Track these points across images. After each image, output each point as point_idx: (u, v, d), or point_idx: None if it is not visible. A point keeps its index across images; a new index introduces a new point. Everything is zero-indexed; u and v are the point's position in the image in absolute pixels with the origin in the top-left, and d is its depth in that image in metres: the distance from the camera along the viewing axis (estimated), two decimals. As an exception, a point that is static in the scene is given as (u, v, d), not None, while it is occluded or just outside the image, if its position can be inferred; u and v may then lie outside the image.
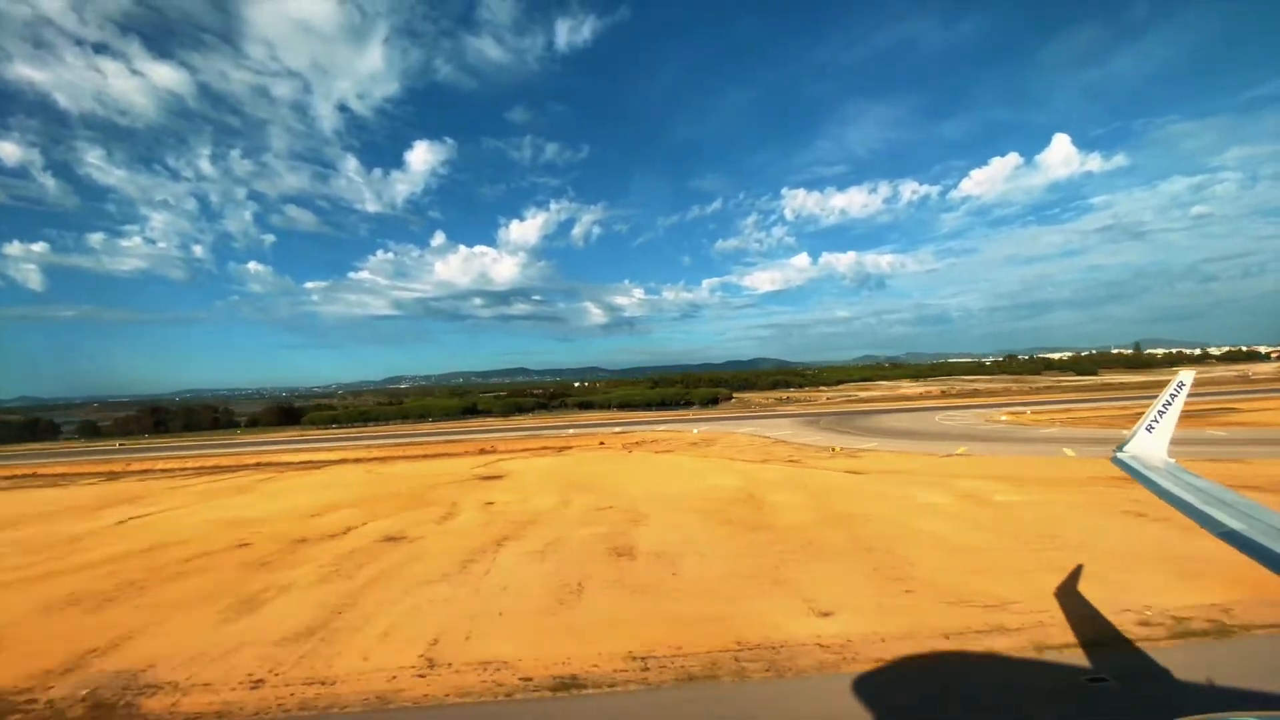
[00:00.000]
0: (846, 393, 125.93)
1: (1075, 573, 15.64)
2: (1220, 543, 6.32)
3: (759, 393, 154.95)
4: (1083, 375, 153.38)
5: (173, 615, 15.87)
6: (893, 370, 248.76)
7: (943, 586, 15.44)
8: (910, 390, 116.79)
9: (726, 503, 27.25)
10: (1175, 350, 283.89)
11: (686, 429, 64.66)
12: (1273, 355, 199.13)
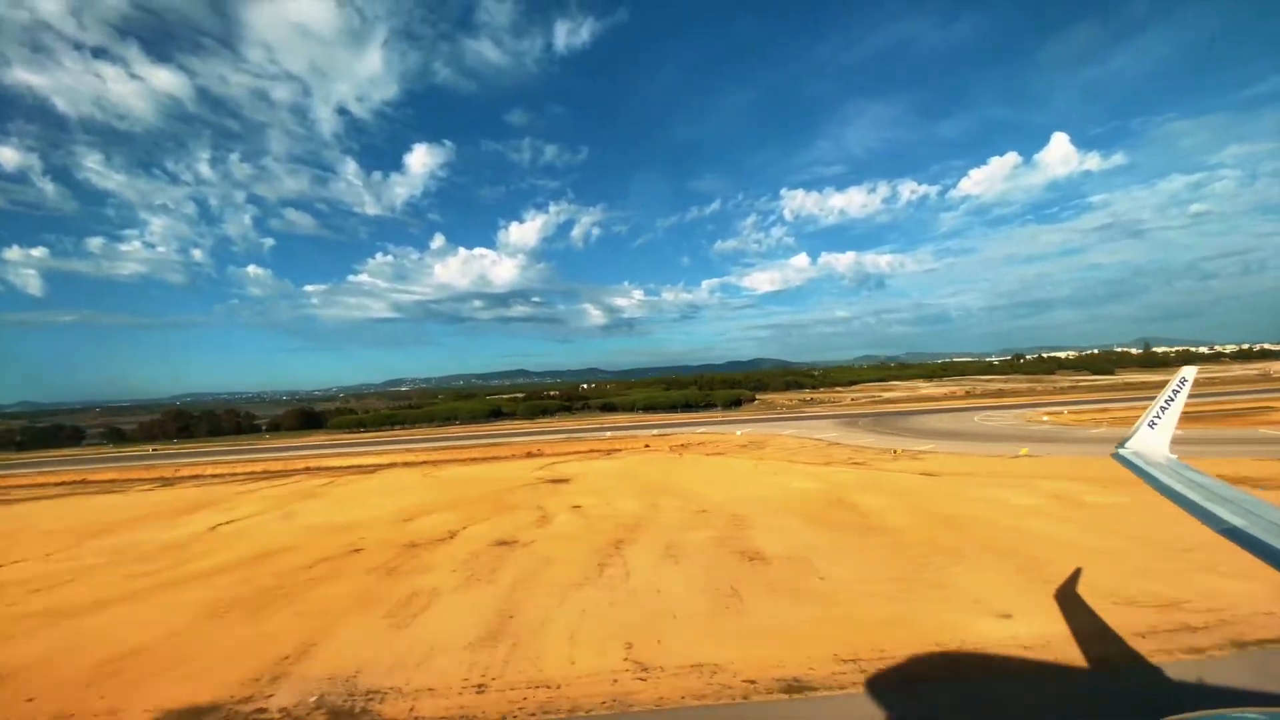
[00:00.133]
0: (868, 393, 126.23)
1: (1230, 572, 15.82)
2: None
3: (776, 394, 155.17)
4: (1099, 375, 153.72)
5: (339, 622, 16.07)
6: (902, 370, 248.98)
7: (1101, 588, 15.66)
8: (932, 391, 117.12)
9: (819, 506, 27.49)
10: (1184, 348, 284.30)
11: (728, 431, 64.91)
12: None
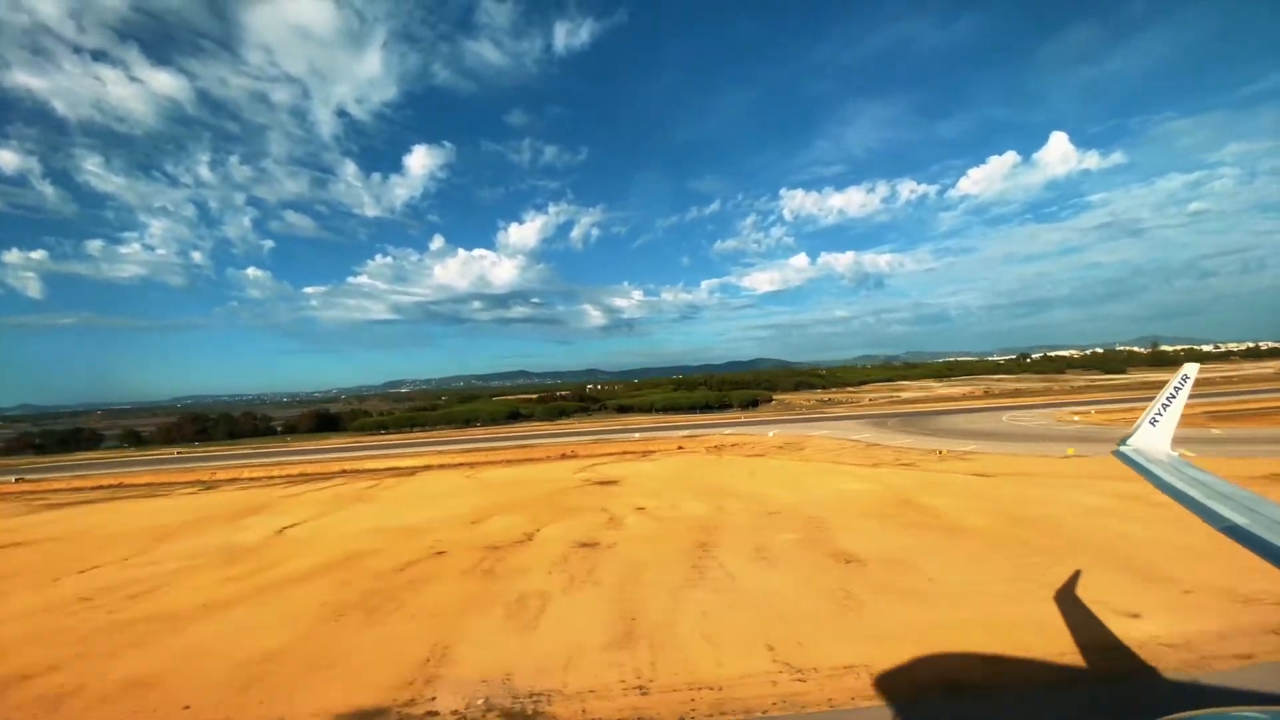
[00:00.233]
0: (884, 394, 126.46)
1: None
2: None
3: (791, 394, 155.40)
4: (1110, 374, 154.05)
5: (460, 625, 16.27)
6: (908, 370, 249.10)
7: (1214, 587, 15.89)
8: (949, 391, 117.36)
9: (888, 507, 27.72)
10: (1189, 347, 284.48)
11: (758, 432, 65.11)
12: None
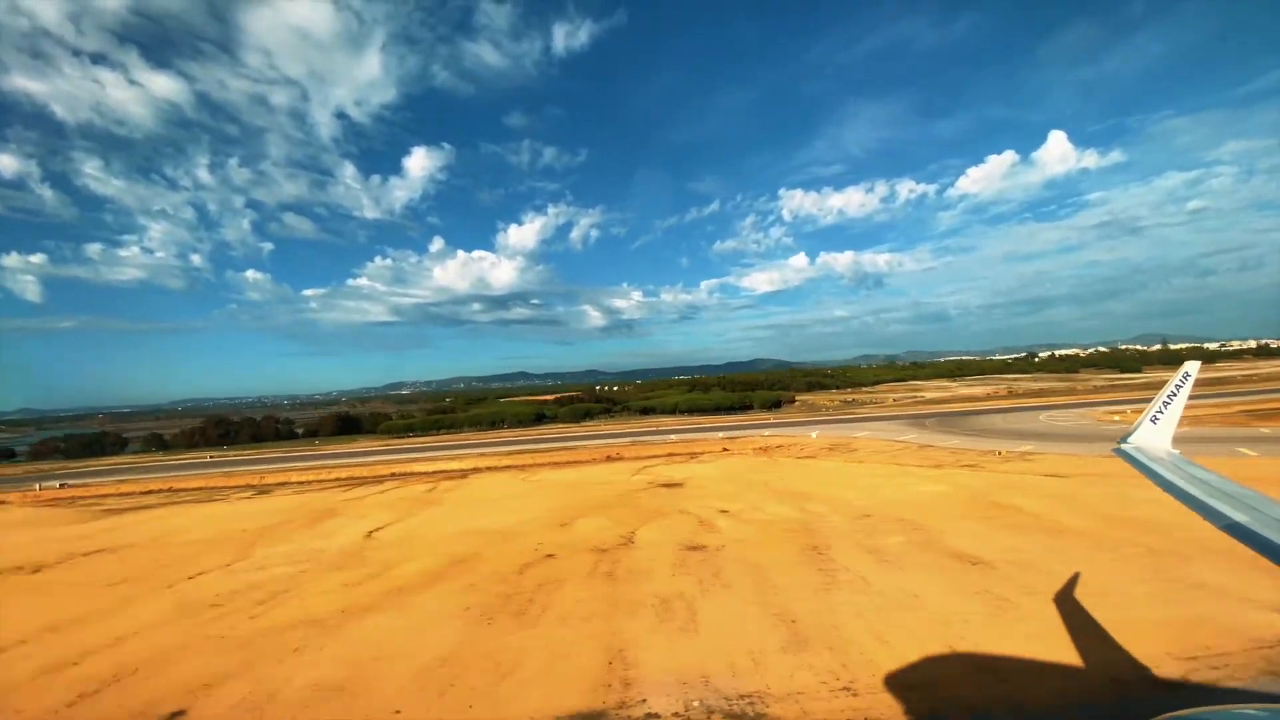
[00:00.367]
0: (905, 394, 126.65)
1: None
2: None
3: (809, 395, 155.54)
4: (1126, 373, 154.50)
5: (618, 627, 16.42)
6: (917, 370, 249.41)
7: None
8: (973, 391, 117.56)
9: (976, 508, 27.89)
10: (1198, 344, 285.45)
11: (799, 433, 65.26)
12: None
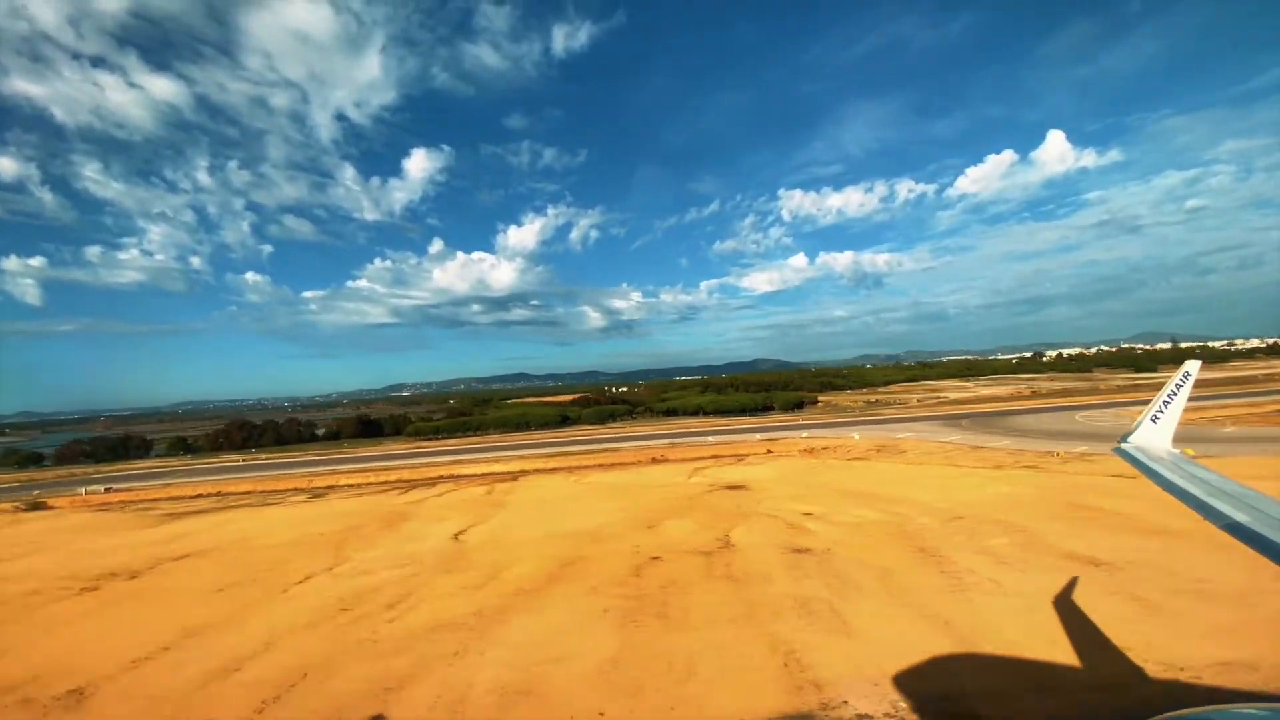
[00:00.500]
0: (927, 394, 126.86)
1: None
2: None
3: (833, 395, 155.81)
4: (1141, 372, 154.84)
5: (772, 628, 16.65)
6: (926, 369, 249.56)
7: None
8: (995, 390, 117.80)
9: (1060, 508, 28.12)
10: (1205, 344, 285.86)
11: (839, 434, 65.51)
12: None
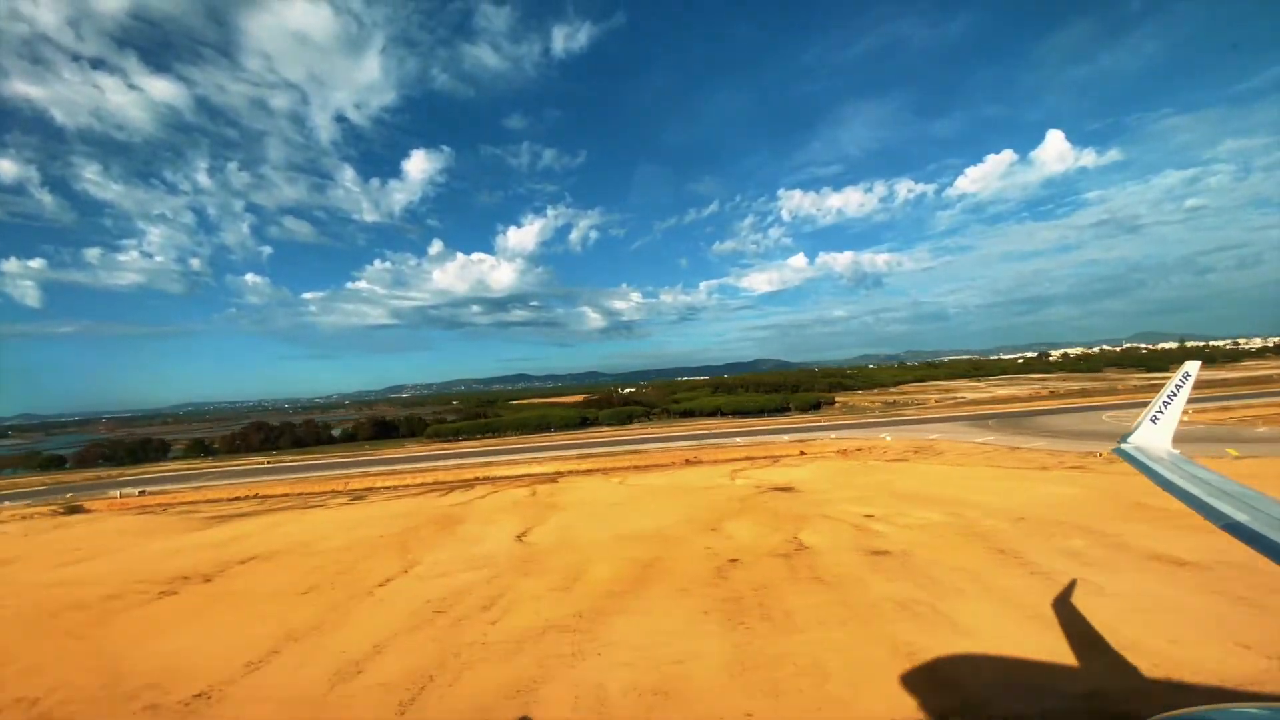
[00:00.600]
0: (943, 395, 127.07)
1: None
2: None
3: (849, 396, 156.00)
4: (1154, 371, 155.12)
5: (891, 631, 16.88)
6: (933, 369, 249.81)
7: None
8: (1014, 391, 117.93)
9: (1124, 509, 28.32)
10: (1209, 343, 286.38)
11: (871, 435, 65.69)
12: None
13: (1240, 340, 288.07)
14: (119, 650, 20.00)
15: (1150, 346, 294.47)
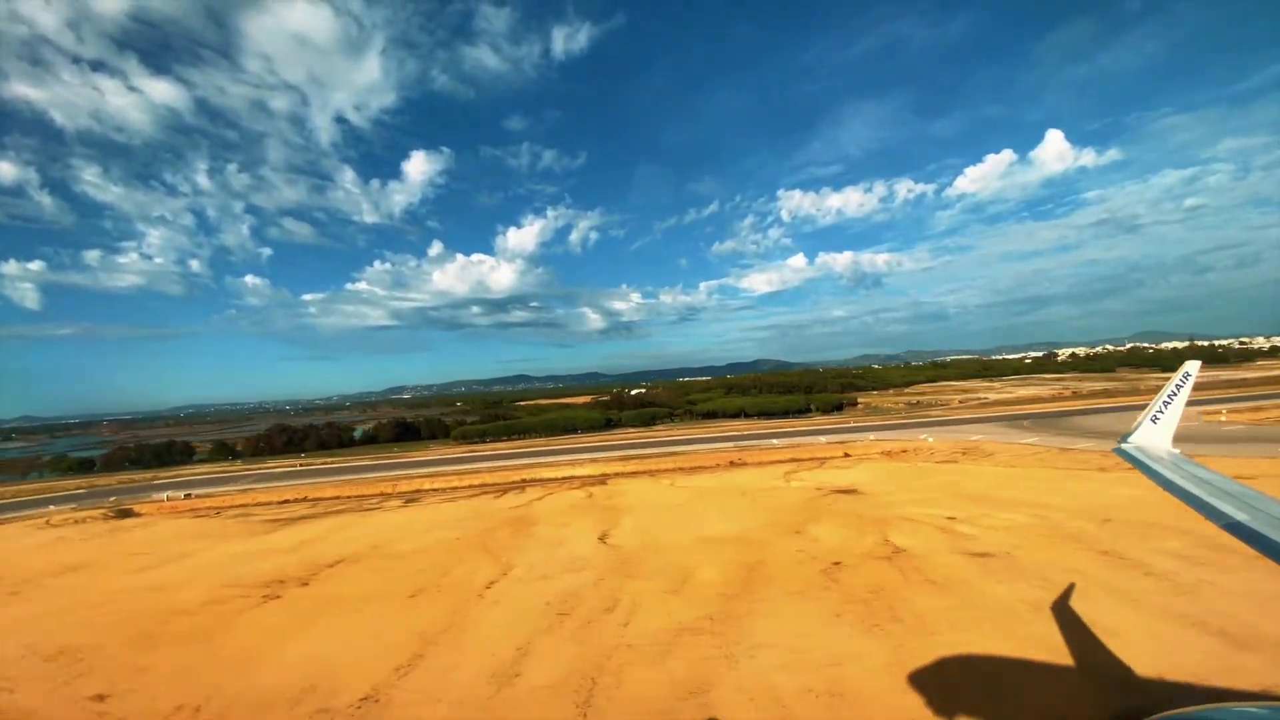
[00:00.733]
0: (968, 395, 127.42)
1: None
2: None
3: (869, 397, 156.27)
4: (1169, 371, 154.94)
5: (1034, 632, 17.26)
6: (942, 369, 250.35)
7: None
8: (1036, 391, 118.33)
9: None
10: (1213, 342, 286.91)
11: (910, 436, 65.98)
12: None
13: (1244, 339, 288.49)
14: (249, 655, 20.29)
15: (1155, 346, 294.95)
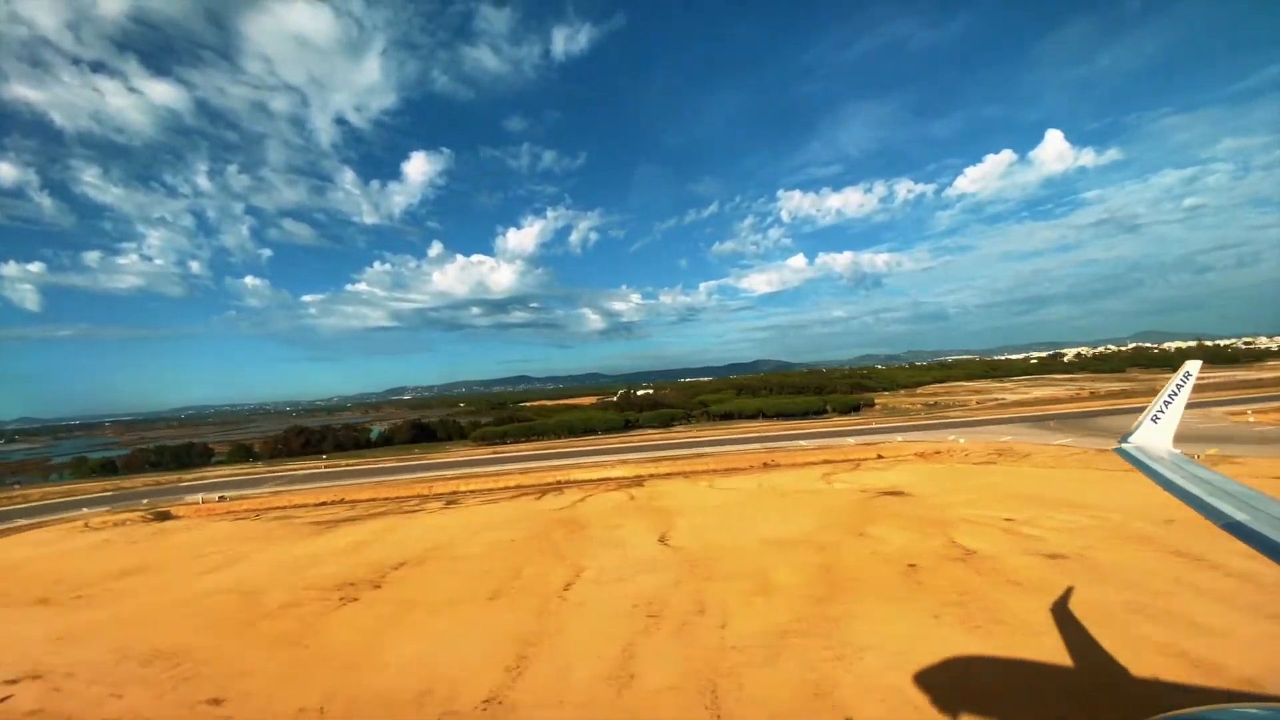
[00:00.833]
0: (984, 395, 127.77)
1: None
2: None
3: (885, 398, 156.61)
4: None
5: (1136, 633, 17.58)
6: (949, 370, 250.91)
7: None
8: (1053, 392, 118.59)
9: None
10: (1216, 342, 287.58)
11: (941, 438, 66.30)
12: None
13: (1248, 340, 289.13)
14: (349, 658, 20.56)
15: (1159, 346, 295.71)
